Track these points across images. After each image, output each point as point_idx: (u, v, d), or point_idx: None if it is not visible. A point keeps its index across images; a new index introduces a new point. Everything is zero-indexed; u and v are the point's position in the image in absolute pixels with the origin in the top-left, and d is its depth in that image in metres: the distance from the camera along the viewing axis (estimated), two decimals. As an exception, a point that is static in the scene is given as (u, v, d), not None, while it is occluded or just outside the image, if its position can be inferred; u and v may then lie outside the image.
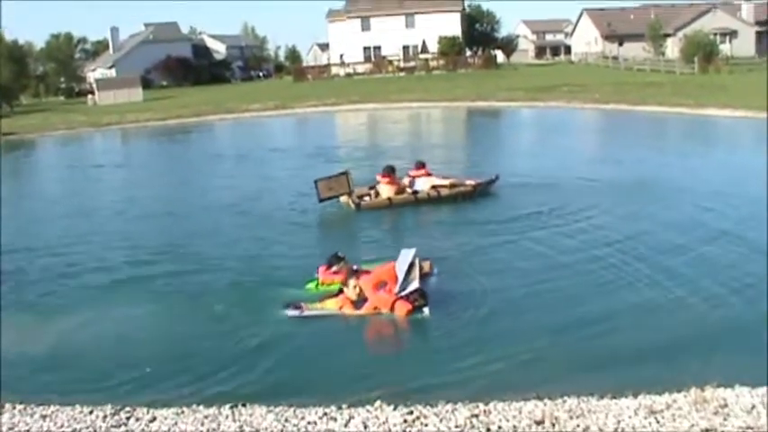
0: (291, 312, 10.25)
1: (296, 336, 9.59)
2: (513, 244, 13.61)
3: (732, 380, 7.50)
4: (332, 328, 9.86)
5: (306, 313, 10.22)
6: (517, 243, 13.63)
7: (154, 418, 7.32)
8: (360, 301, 10.31)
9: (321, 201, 17.14)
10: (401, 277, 10.31)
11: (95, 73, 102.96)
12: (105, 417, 7.38)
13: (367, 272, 10.81)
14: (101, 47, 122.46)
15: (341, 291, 10.53)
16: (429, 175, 17.69)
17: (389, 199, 17.19)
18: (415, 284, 10.19)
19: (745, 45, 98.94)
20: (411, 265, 10.60)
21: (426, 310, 10.03)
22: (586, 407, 7.15)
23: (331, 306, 10.36)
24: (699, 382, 7.45)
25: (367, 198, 17.43)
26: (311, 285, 11.35)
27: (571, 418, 6.96)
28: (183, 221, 17.62)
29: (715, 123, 34.63)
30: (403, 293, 10.06)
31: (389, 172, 17.42)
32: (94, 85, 77.54)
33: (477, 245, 13.70)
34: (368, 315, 10.12)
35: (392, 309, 9.99)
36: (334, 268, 11.26)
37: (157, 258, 14.02)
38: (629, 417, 6.95)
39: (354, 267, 11.06)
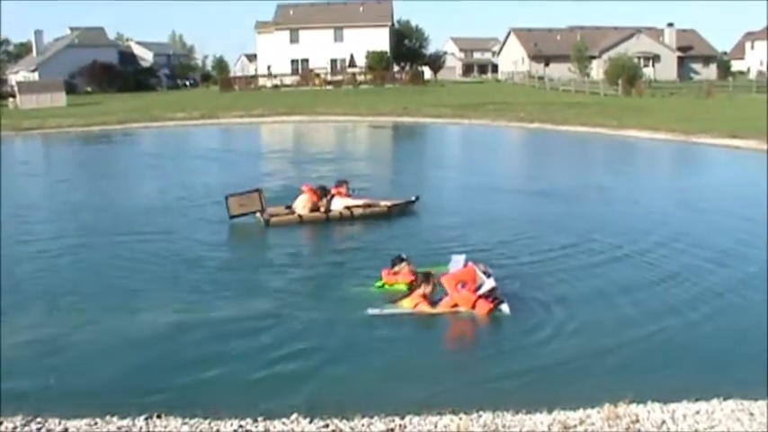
0: (372, 311, 10.54)
1: (218, 344, 9.49)
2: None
3: (645, 396, 7.64)
4: (257, 338, 9.76)
5: (385, 311, 10.54)
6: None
7: (66, 430, 7.16)
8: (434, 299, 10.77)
9: (232, 218, 16.78)
10: None
11: (17, 76, 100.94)
12: (15, 428, 7.20)
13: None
14: (24, 49, 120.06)
15: (412, 289, 10.90)
16: (347, 195, 17.64)
17: (300, 216, 17.02)
18: (491, 282, 10.59)
19: (667, 69, 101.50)
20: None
21: (505, 307, 10.40)
22: (501, 422, 7.21)
23: (406, 305, 10.66)
24: (612, 398, 7.57)
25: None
26: (378, 284, 11.80)
27: (485, 432, 7.03)
28: (92, 220, 17.57)
29: (635, 144, 35.37)
30: (482, 292, 10.44)
31: (315, 188, 17.42)
32: (16, 88, 75.82)
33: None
34: (445, 313, 10.51)
35: (473, 307, 10.35)
36: (396, 269, 11.76)
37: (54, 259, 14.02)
38: (543, 431, 7.04)
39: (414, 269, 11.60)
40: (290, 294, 11.64)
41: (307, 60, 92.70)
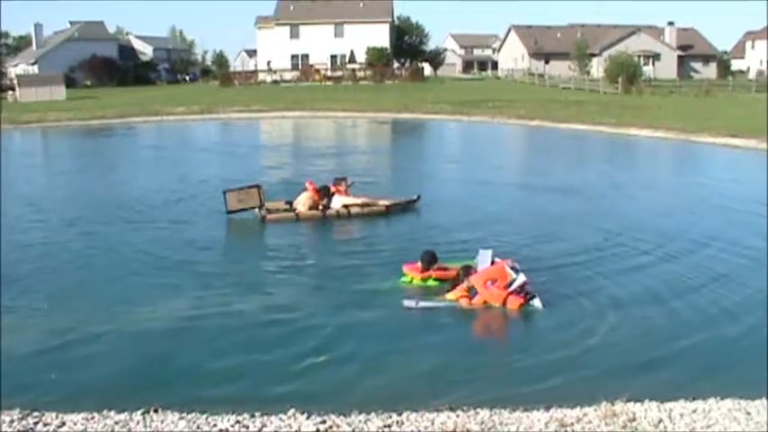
0: (408, 303, 10.74)
1: (212, 340, 9.50)
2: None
3: (642, 394, 7.66)
4: (249, 332, 9.77)
5: (421, 305, 10.71)
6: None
7: (63, 423, 7.16)
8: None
9: (229, 213, 16.76)
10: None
11: (17, 69, 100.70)
12: (12, 421, 7.19)
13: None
14: (23, 42, 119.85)
15: (456, 284, 11.07)
16: (344, 193, 17.58)
17: (297, 214, 16.93)
18: (522, 278, 10.73)
19: (667, 68, 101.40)
20: (493, 264, 11.28)
21: (537, 302, 10.57)
22: (498, 419, 7.22)
23: (451, 297, 10.93)
24: (609, 396, 7.59)
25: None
26: (405, 279, 11.92)
27: (483, 430, 7.02)
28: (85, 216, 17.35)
29: (635, 142, 35.35)
30: (513, 288, 10.61)
31: (318, 187, 17.35)
32: (15, 82, 75.69)
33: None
34: (479, 307, 10.62)
35: (504, 303, 10.53)
36: (436, 266, 11.88)
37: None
38: (540, 429, 7.04)
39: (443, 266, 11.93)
40: (304, 290, 11.68)
41: (307, 56, 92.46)
